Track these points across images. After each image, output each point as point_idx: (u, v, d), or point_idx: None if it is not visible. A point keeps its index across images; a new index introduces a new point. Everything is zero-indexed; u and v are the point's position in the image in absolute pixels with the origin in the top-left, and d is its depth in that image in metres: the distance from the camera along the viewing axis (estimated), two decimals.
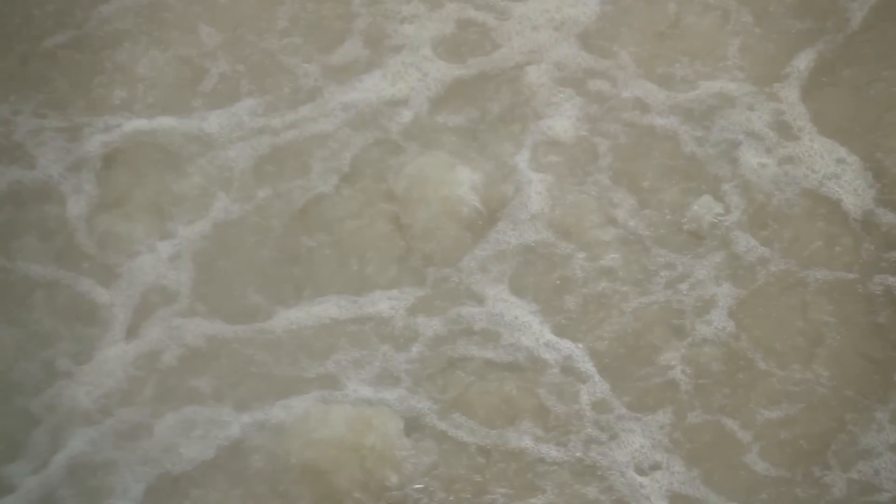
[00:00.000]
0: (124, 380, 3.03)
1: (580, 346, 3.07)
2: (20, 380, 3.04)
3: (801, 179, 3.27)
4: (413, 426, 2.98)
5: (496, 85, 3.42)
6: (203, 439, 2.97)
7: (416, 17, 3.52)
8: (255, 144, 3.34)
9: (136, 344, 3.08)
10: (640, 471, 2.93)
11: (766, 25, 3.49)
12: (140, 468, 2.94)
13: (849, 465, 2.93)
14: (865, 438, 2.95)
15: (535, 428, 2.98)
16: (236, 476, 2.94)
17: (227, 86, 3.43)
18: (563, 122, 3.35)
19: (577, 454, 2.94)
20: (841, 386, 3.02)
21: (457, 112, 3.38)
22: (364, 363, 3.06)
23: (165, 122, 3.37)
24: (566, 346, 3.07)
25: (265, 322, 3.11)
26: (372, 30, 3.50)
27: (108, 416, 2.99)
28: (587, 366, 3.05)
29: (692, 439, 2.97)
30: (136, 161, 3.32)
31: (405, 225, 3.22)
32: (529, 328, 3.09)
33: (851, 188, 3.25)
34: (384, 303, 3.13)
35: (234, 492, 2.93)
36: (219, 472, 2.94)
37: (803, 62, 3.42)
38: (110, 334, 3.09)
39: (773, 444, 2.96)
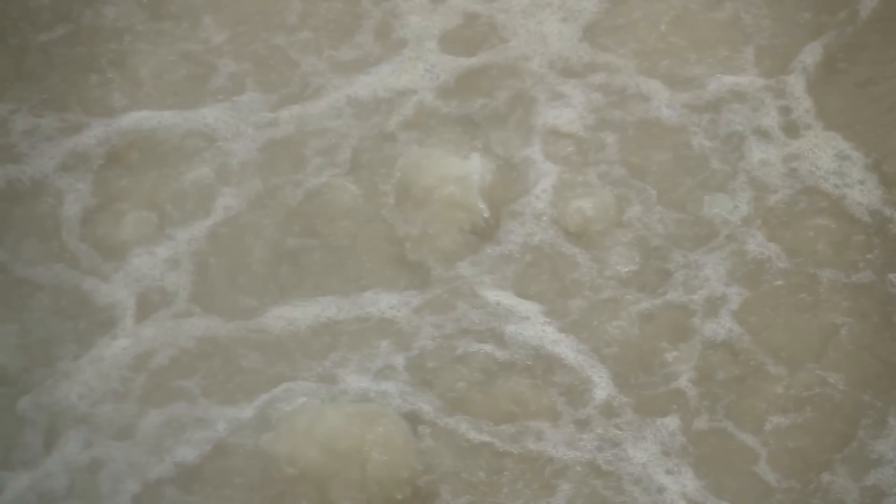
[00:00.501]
0: (118, 380, 3.01)
1: (587, 347, 3.04)
2: (14, 380, 3.02)
3: (806, 176, 3.24)
4: (417, 425, 2.94)
5: (501, 78, 3.41)
6: (196, 440, 2.94)
7: (422, 11, 3.51)
8: (258, 140, 3.32)
9: (133, 343, 3.06)
10: (653, 477, 2.89)
11: (774, 18, 3.46)
12: (131, 469, 2.91)
13: (860, 471, 2.89)
14: (877, 444, 2.91)
15: (541, 428, 2.95)
16: (230, 477, 2.91)
17: (233, 81, 3.40)
18: (570, 114, 3.34)
19: (588, 457, 2.91)
20: (853, 389, 2.98)
21: (462, 105, 3.37)
22: (364, 362, 3.03)
23: (166, 118, 3.35)
24: (573, 346, 3.04)
25: (262, 321, 3.08)
26: (379, 25, 3.49)
27: (101, 417, 2.96)
28: (594, 367, 3.01)
29: (701, 446, 2.93)
30: (136, 159, 3.30)
31: (408, 221, 3.19)
32: (535, 328, 3.06)
33: (858, 185, 3.22)
34: (385, 301, 3.10)
35: (224, 492, 2.90)
36: (211, 474, 2.92)
37: (810, 56, 3.40)
38: (107, 334, 3.07)
39: (783, 451, 2.92)
